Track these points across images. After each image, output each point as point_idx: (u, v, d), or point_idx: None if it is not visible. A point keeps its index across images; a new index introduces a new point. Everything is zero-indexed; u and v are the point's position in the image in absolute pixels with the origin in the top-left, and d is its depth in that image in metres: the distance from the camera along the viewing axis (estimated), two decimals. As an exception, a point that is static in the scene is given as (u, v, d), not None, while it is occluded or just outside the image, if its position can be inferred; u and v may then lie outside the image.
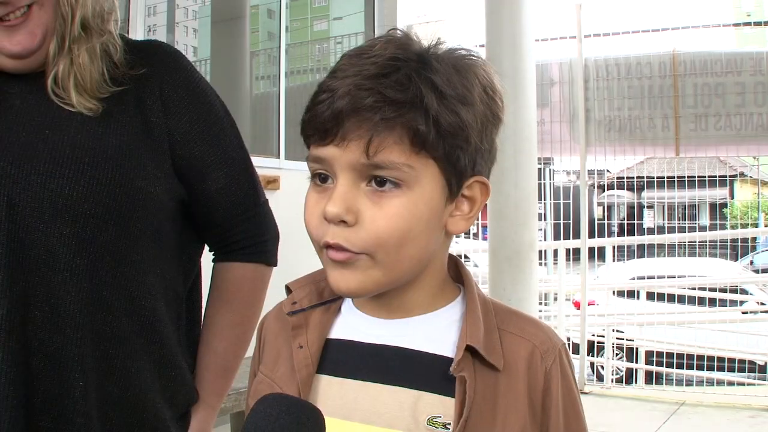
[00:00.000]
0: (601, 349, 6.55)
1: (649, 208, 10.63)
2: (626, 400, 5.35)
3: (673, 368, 6.13)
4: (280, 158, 4.15)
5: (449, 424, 0.82)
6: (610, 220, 11.93)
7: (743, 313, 6.61)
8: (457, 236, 0.95)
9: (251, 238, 1.27)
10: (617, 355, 6.69)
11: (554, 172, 7.08)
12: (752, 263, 10.33)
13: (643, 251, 9.06)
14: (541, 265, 5.63)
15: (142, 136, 1.14)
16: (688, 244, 7.77)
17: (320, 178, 0.83)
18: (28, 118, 1.10)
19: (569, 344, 6.22)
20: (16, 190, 1.05)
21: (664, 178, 6.59)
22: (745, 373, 6.31)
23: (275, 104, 4.31)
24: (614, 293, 7.01)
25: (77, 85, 1.10)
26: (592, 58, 5.76)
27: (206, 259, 1.31)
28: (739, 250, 7.18)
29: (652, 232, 9.40)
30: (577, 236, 5.95)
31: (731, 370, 6.17)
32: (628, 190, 11.18)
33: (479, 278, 5.19)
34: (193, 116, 1.19)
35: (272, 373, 0.91)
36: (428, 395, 0.84)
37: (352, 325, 0.90)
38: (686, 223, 7.96)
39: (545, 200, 6.59)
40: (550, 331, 0.89)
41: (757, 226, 9.09)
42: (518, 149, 4.02)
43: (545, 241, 6.68)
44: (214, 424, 1.29)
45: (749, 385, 6.07)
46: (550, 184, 6.80)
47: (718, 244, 7.77)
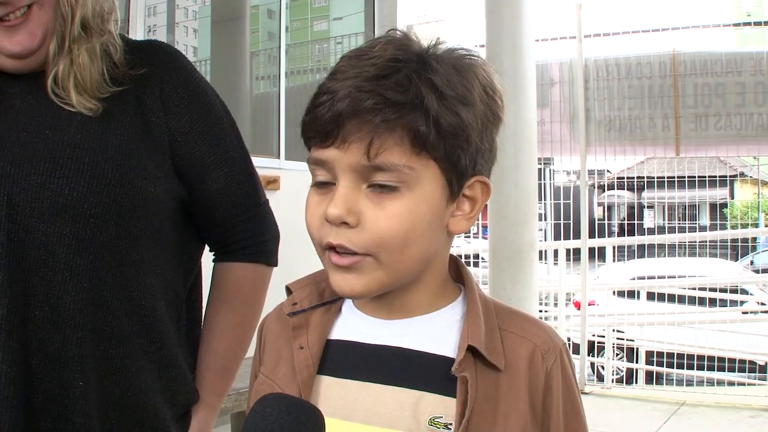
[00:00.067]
0: (601, 349, 6.55)
1: (649, 208, 10.63)
2: (627, 400, 5.35)
3: (673, 368, 6.12)
4: (280, 158, 4.15)
5: (450, 424, 0.81)
6: (610, 220, 11.93)
7: (743, 313, 6.60)
8: (458, 236, 0.95)
9: (251, 238, 1.27)
10: (617, 355, 6.69)
11: (554, 172, 7.08)
12: (752, 263, 10.32)
13: (643, 251, 9.06)
14: (541, 260, 5.63)
15: (142, 135, 1.14)
16: (688, 244, 7.77)
17: (321, 179, 0.83)
18: (28, 117, 1.10)
19: (569, 344, 6.23)
20: (16, 189, 1.05)
21: (664, 178, 6.59)
22: (745, 373, 6.30)
23: (275, 104, 4.31)
24: (614, 293, 7.01)
25: (77, 85, 1.10)
26: (592, 58, 5.76)
27: (207, 259, 1.31)
28: (739, 250, 7.18)
29: (652, 232, 9.40)
30: (577, 236, 5.95)
31: (731, 370, 6.17)
32: (628, 190, 11.19)
33: (479, 278, 5.19)
34: (193, 116, 1.19)
35: (273, 374, 0.91)
36: (429, 395, 0.83)
37: (352, 325, 0.90)
38: (686, 223, 7.96)
39: (545, 200, 6.59)
40: (551, 330, 0.89)
41: (757, 226, 9.08)
42: (518, 149, 4.02)
43: (545, 241, 6.68)
44: (214, 424, 1.29)
45: (749, 385, 6.07)
46: (550, 184, 6.80)
47: (718, 244, 7.77)
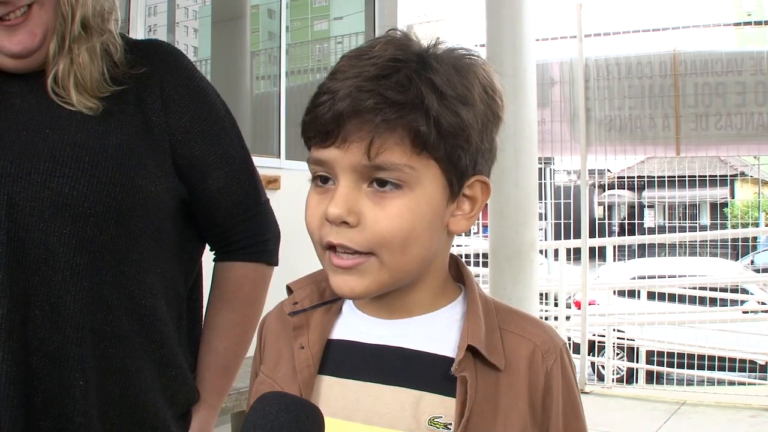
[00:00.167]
0: (601, 348, 6.55)
1: (649, 207, 10.63)
2: (627, 399, 5.35)
3: (673, 368, 6.13)
4: (280, 158, 4.15)
5: (450, 424, 0.81)
6: (610, 219, 11.92)
7: (744, 312, 6.60)
8: (458, 236, 0.95)
9: (252, 237, 1.27)
10: (618, 354, 6.69)
11: (555, 171, 7.09)
12: (753, 263, 10.31)
13: (643, 251, 9.06)
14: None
15: (142, 135, 1.14)
16: (688, 243, 7.78)
17: (321, 179, 0.83)
18: (28, 117, 1.10)
19: (570, 344, 6.22)
20: (16, 189, 1.05)
21: (664, 177, 6.59)
22: (745, 372, 6.30)
23: (276, 104, 4.31)
24: (615, 293, 7.01)
25: (77, 84, 1.10)
26: (592, 57, 5.76)
27: (207, 258, 1.31)
28: (739, 249, 7.18)
29: (652, 231, 9.40)
30: (577, 236, 5.95)
31: (732, 369, 6.17)
32: (628, 189, 11.18)
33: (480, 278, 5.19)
34: (193, 115, 1.19)
35: (273, 373, 0.91)
36: (429, 395, 0.83)
37: (353, 325, 0.90)
38: (687, 222, 7.96)
39: (546, 200, 6.59)
40: (551, 330, 0.89)
41: (757, 225, 9.08)
42: (519, 149, 4.02)
43: (546, 240, 6.68)
44: (215, 423, 1.29)
45: (750, 384, 6.07)
46: (550, 183, 6.80)
47: (718, 243, 7.77)
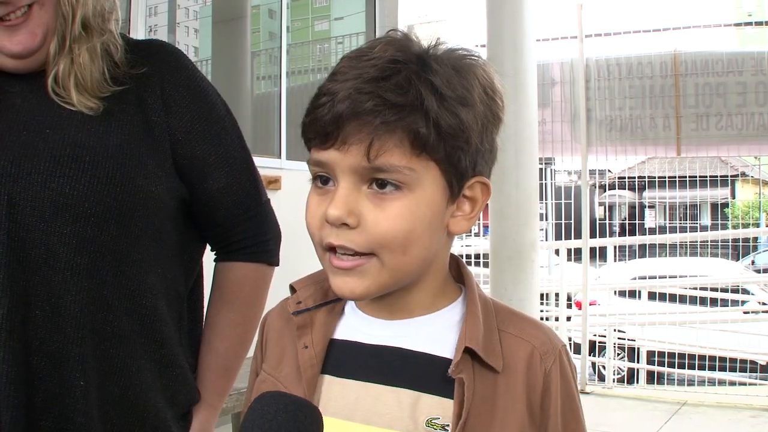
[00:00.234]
0: (602, 349, 6.55)
1: (650, 207, 10.62)
2: (628, 400, 5.35)
3: (674, 368, 6.12)
4: (281, 158, 4.15)
5: (448, 425, 0.81)
6: (611, 219, 11.93)
7: (745, 313, 6.59)
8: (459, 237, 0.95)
9: (253, 237, 1.27)
10: (619, 355, 6.69)
11: (555, 172, 7.08)
12: (753, 263, 10.30)
13: (644, 251, 9.05)
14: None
15: (143, 135, 1.14)
16: (689, 244, 7.76)
17: (321, 180, 0.83)
18: (28, 117, 1.10)
19: (571, 344, 6.22)
20: (16, 189, 1.05)
21: (665, 177, 6.59)
22: (746, 373, 6.30)
23: (276, 104, 4.32)
24: (616, 293, 7.00)
25: (78, 84, 1.09)
26: (593, 57, 5.76)
27: (208, 258, 1.31)
28: (740, 249, 7.17)
29: (653, 231, 9.40)
30: (578, 236, 5.95)
31: (733, 370, 6.17)
32: (629, 189, 11.18)
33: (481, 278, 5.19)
34: (194, 115, 1.19)
35: (276, 372, 0.91)
36: (427, 396, 0.84)
37: (354, 326, 0.90)
38: (687, 223, 7.96)
39: (546, 200, 6.58)
40: (550, 332, 0.89)
41: (758, 225, 9.08)
42: (519, 149, 4.02)
43: (546, 240, 6.68)
44: (215, 424, 1.29)
45: (751, 385, 6.06)
46: (551, 184, 6.80)
47: (719, 244, 7.76)
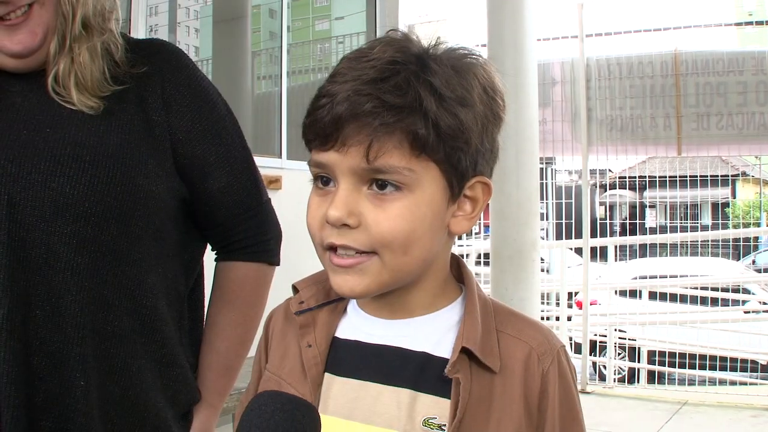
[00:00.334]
0: (603, 348, 6.55)
1: (651, 207, 10.62)
2: (628, 399, 5.35)
3: (675, 368, 6.12)
4: (281, 158, 4.15)
5: (445, 425, 0.82)
6: (612, 219, 11.93)
7: (745, 312, 6.59)
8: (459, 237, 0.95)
9: (253, 237, 1.27)
10: (619, 354, 6.69)
11: (556, 171, 7.08)
12: (754, 263, 10.29)
13: (645, 251, 9.05)
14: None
15: (143, 134, 1.14)
16: (690, 243, 7.77)
17: (322, 181, 0.84)
18: (29, 116, 1.10)
19: (572, 344, 6.22)
20: (16, 188, 1.04)
21: (666, 177, 6.59)
22: (747, 372, 6.30)
23: (277, 104, 4.32)
24: (616, 293, 7.00)
25: (78, 83, 1.09)
26: (593, 57, 5.76)
27: (209, 258, 1.31)
28: (741, 249, 7.17)
29: (654, 231, 9.39)
30: (579, 236, 5.95)
31: (733, 369, 6.17)
32: (630, 189, 11.17)
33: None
34: (195, 115, 1.19)
35: (279, 370, 0.92)
36: (425, 396, 0.84)
37: (355, 325, 0.90)
38: (688, 222, 7.96)
39: (547, 200, 6.58)
40: (548, 333, 0.89)
41: (759, 225, 9.09)
42: (520, 149, 4.01)
43: (547, 240, 6.68)
44: (216, 423, 1.29)
45: (751, 384, 6.06)
46: (552, 183, 6.79)
47: (720, 243, 7.76)
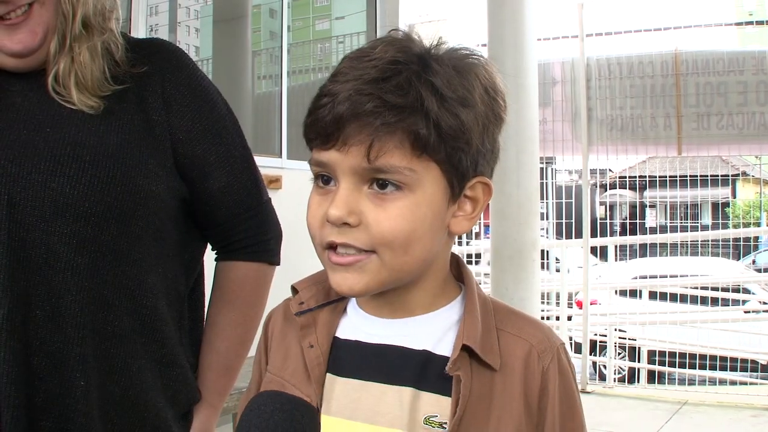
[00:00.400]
0: (603, 348, 6.55)
1: (651, 207, 10.62)
2: (628, 399, 5.35)
3: (675, 367, 6.12)
4: (282, 158, 4.15)
5: (446, 423, 0.82)
6: (612, 219, 11.94)
7: (745, 312, 6.59)
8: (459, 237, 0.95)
9: (254, 237, 1.27)
10: (619, 354, 6.69)
11: (556, 171, 7.08)
12: (754, 262, 10.30)
13: (645, 250, 9.05)
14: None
15: (143, 134, 1.13)
16: (690, 243, 7.77)
17: (323, 180, 0.84)
18: (29, 115, 1.10)
19: (572, 344, 6.22)
20: (16, 188, 1.04)
21: (666, 177, 6.60)
22: (747, 372, 6.30)
23: (277, 104, 4.32)
24: (616, 292, 7.00)
25: (78, 83, 1.09)
26: (594, 57, 5.76)
27: (209, 258, 1.31)
28: (741, 249, 7.17)
29: (654, 231, 9.39)
30: (579, 235, 5.95)
31: (733, 369, 6.17)
32: (630, 189, 11.17)
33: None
34: (195, 114, 1.19)
35: (282, 372, 0.92)
36: (426, 394, 0.84)
37: (356, 325, 0.90)
38: (688, 222, 7.97)
39: (547, 200, 6.58)
40: (548, 330, 0.89)
41: (759, 225, 9.09)
42: (520, 149, 4.01)
43: (547, 240, 6.68)
44: (216, 423, 1.29)
45: (752, 384, 6.06)
46: (552, 183, 6.80)
47: (720, 243, 7.76)
